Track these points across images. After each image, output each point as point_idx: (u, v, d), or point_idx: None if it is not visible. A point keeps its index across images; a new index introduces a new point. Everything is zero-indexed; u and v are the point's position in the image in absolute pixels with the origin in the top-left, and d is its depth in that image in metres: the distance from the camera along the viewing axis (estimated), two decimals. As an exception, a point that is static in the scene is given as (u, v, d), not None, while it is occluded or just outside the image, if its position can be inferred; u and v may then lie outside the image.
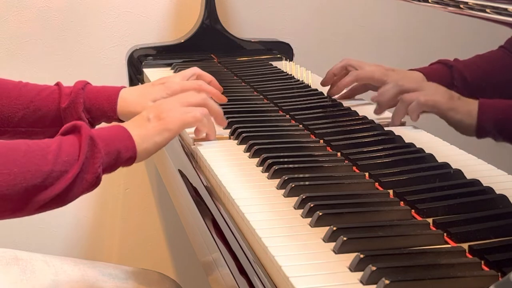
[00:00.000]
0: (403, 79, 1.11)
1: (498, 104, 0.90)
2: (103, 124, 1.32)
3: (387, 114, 1.15)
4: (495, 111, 0.90)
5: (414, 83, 1.07)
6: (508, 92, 0.87)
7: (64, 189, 0.90)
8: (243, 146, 1.09)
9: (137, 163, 1.01)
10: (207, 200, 0.99)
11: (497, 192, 0.85)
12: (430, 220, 0.81)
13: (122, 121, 1.21)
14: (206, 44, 1.77)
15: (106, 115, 1.18)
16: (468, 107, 0.93)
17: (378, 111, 1.16)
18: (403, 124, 1.13)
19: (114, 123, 1.07)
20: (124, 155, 0.98)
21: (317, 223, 0.81)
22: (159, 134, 1.02)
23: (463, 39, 1.00)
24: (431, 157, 0.98)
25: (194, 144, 1.11)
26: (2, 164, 0.87)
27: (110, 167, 0.97)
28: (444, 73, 1.01)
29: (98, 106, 1.17)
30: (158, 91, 1.18)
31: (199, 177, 1.05)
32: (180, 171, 1.14)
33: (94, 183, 0.94)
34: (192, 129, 1.12)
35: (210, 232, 0.91)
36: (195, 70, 1.26)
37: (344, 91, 1.29)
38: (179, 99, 1.09)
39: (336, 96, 1.30)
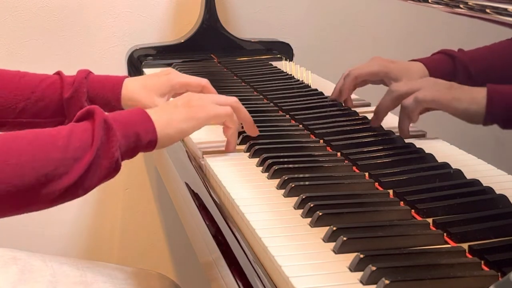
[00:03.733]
0: (398, 81, 1.07)
1: (508, 89, 0.88)
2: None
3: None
4: (505, 96, 0.88)
5: (408, 85, 1.02)
6: None
7: (79, 177, 0.85)
8: (243, 146, 1.09)
9: (139, 164, 1.00)
10: (206, 200, 0.99)
11: (497, 192, 0.85)
12: (430, 220, 0.81)
13: None
14: (206, 44, 1.77)
15: (110, 104, 1.16)
16: (472, 95, 0.91)
17: (375, 122, 1.11)
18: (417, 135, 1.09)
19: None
20: (144, 138, 0.92)
21: (317, 223, 0.81)
22: (185, 121, 0.97)
23: (463, 39, 1.00)
24: (431, 157, 0.98)
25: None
26: (5, 153, 0.82)
27: (129, 151, 0.92)
28: (446, 63, 1.00)
29: (102, 95, 1.15)
30: (162, 81, 1.16)
31: (199, 176, 1.05)
32: (179, 171, 1.14)
33: (113, 169, 0.89)
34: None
35: (210, 232, 0.91)
36: (205, 82, 1.18)
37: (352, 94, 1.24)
38: (209, 96, 1.04)
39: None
